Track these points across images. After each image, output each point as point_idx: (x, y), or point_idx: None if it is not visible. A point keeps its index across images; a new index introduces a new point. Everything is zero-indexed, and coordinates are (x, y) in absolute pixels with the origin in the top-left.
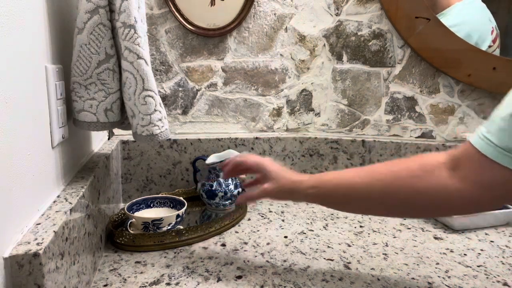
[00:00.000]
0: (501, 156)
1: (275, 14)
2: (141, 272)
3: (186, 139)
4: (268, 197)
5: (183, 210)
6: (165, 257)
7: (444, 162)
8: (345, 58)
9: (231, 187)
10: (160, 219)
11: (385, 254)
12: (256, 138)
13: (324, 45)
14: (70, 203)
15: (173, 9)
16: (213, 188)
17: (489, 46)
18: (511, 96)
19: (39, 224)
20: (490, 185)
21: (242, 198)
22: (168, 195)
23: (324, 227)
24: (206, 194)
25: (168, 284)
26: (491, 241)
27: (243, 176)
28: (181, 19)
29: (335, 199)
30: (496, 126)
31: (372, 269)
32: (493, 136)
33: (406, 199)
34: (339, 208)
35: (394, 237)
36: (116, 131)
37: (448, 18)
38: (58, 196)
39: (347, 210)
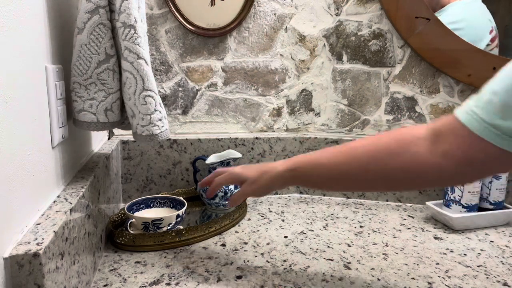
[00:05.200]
0: (489, 132)
1: (275, 14)
2: (141, 272)
3: (186, 139)
4: (248, 194)
5: (183, 210)
6: (165, 257)
7: (424, 137)
8: (345, 58)
9: (231, 187)
10: (160, 219)
11: (385, 254)
12: (256, 138)
13: (324, 45)
14: (70, 203)
15: (173, 9)
16: None
17: (487, 45)
18: (504, 71)
19: (39, 224)
20: (472, 161)
21: (229, 202)
22: (168, 195)
23: (324, 227)
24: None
25: (168, 284)
26: (491, 241)
27: None
28: (181, 19)
29: (313, 181)
30: (486, 101)
31: (372, 269)
32: (482, 111)
33: (384, 177)
34: (317, 188)
35: (394, 237)
36: (116, 131)
37: (446, 15)
38: (58, 196)
39: (325, 189)
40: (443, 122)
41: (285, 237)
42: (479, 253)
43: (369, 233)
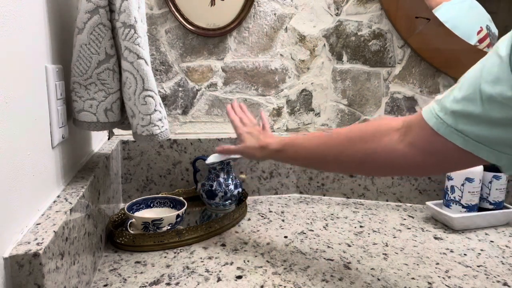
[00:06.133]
0: (455, 136)
1: (275, 14)
2: (141, 272)
3: (186, 139)
4: (240, 154)
5: (183, 210)
6: (165, 257)
7: (397, 129)
8: (345, 58)
9: (231, 187)
10: (160, 219)
11: (385, 254)
12: None
13: (324, 45)
14: (70, 203)
15: (173, 9)
16: (213, 188)
17: (475, 46)
18: (465, 78)
19: (39, 224)
20: (434, 153)
21: (220, 148)
22: (168, 195)
23: (324, 227)
24: (206, 194)
25: (168, 284)
26: (491, 241)
27: (243, 176)
28: (181, 19)
29: (298, 161)
30: (449, 107)
31: (372, 269)
32: (446, 117)
33: (359, 162)
34: (301, 166)
35: (394, 237)
36: (116, 131)
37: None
38: (58, 196)
39: (308, 168)
40: (415, 115)
41: (285, 237)
42: (479, 253)
43: (369, 233)
